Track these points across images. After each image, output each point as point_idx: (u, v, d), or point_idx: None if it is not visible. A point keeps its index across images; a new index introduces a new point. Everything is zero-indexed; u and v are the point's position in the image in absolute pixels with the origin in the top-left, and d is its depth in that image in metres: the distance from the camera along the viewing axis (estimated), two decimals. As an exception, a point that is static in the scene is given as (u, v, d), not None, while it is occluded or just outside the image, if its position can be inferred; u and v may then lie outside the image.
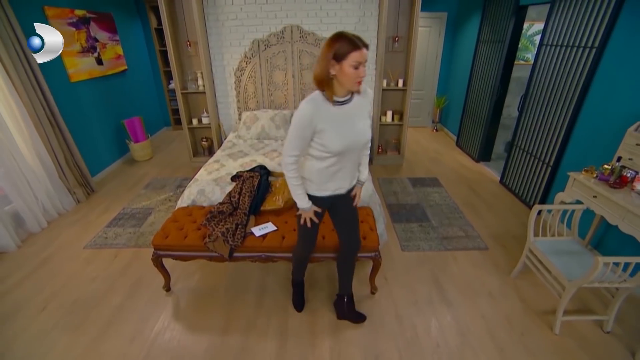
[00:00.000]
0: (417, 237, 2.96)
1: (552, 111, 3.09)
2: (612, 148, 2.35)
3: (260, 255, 2.17)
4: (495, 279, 2.46)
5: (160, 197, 3.71)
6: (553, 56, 3.07)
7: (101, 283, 2.47)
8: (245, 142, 3.73)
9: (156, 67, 5.82)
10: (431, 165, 4.54)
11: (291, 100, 4.24)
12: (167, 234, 2.23)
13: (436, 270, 2.56)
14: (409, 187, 3.90)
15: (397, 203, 3.53)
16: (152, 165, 4.66)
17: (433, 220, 3.21)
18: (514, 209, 3.44)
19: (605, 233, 2.45)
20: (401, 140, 4.48)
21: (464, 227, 3.09)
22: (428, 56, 5.71)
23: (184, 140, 5.46)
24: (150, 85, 5.86)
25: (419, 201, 3.56)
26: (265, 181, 2.58)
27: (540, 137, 3.26)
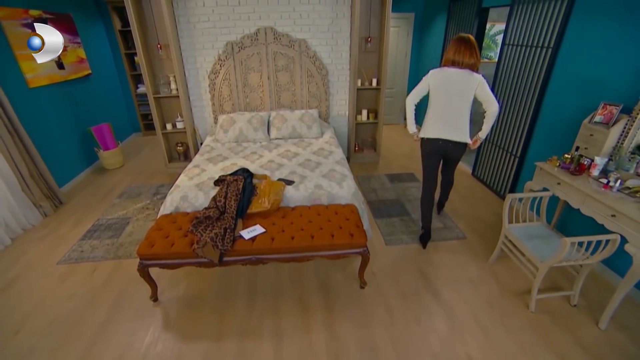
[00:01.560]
0: (399, 231, 3.06)
1: (517, 106, 3.30)
2: (571, 139, 2.56)
3: (251, 257, 2.17)
4: (475, 266, 2.61)
5: (137, 205, 3.60)
6: (515, 55, 3.28)
7: (80, 300, 2.37)
8: (224, 145, 3.69)
9: (122, 71, 5.59)
10: (406, 161, 4.68)
11: (267, 102, 4.23)
12: (153, 242, 2.18)
13: (420, 261, 2.68)
14: (387, 183, 4.01)
15: (377, 199, 3.62)
16: (124, 173, 4.49)
17: (413, 214, 3.32)
18: (486, 199, 3.64)
19: (568, 216, 2.67)
20: (377, 138, 4.60)
21: (442, 219, 3.23)
22: (398, 55, 5.89)
23: (158, 146, 5.32)
24: (116, 90, 5.62)
25: (398, 196, 3.68)
26: (249, 184, 2.58)
27: (507, 131, 3.48)
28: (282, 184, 2.62)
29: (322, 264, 2.67)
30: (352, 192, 2.65)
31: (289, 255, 2.19)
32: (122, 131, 5.65)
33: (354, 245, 2.19)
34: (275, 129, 3.87)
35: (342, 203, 2.60)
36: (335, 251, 2.21)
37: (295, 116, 3.93)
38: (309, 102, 4.31)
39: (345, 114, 4.52)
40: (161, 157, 4.69)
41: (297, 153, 3.37)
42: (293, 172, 2.91)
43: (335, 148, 3.51)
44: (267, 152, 3.41)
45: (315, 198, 2.60)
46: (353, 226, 2.28)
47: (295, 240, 2.16)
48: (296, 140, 3.80)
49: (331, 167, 3.00)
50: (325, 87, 4.23)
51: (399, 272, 2.57)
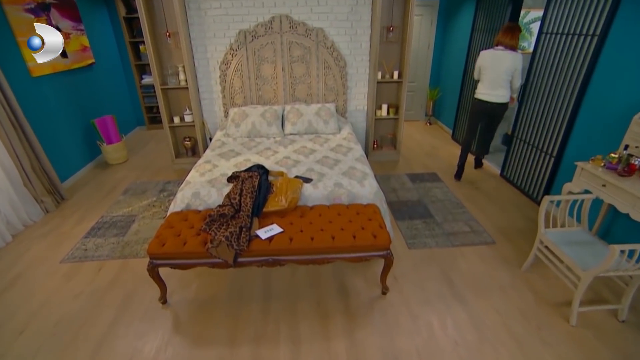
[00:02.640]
0: (422, 234, 3.07)
1: (554, 100, 3.27)
2: (618, 136, 2.53)
3: (268, 259, 2.21)
4: (506, 273, 2.61)
5: (143, 202, 3.67)
6: (553, 44, 3.25)
7: (87, 300, 2.43)
8: (235, 140, 3.74)
9: (126, 61, 5.70)
10: (428, 161, 4.68)
11: (281, 95, 4.27)
12: (164, 241, 2.23)
13: (445, 266, 2.68)
14: (408, 183, 4.02)
15: (398, 200, 3.64)
16: (128, 169, 4.58)
17: (437, 216, 3.34)
18: (516, 202, 3.62)
19: (613, 222, 2.64)
20: (397, 135, 4.61)
21: (469, 222, 3.23)
22: (420, 46, 5.88)
23: (164, 141, 5.41)
24: (120, 81, 5.73)
25: (420, 197, 3.69)
26: (265, 181, 2.62)
27: (541, 128, 3.45)
28: (300, 182, 2.65)
29: (340, 267, 2.69)
30: (374, 191, 2.67)
31: (308, 256, 2.21)
32: (126, 124, 5.76)
33: (377, 247, 2.21)
34: (290, 124, 3.91)
35: (363, 203, 2.62)
36: (357, 253, 2.22)
37: (311, 110, 3.97)
38: (325, 95, 4.34)
39: (363, 108, 4.54)
40: (167, 152, 4.77)
41: (314, 149, 3.40)
42: (310, 169, 2.94)
43: (355, 145, 3.54)
44: (282, 148, 3.45)
45: (335, 197, 2.62)
46: (376, 227, 2.30)
47: (315, 241, 2.19)
48: (312, 136, 3.84)
49: (351, 164, 3.02)
50: (343, 79, 4.26)
51: (423, 277, 2.58)
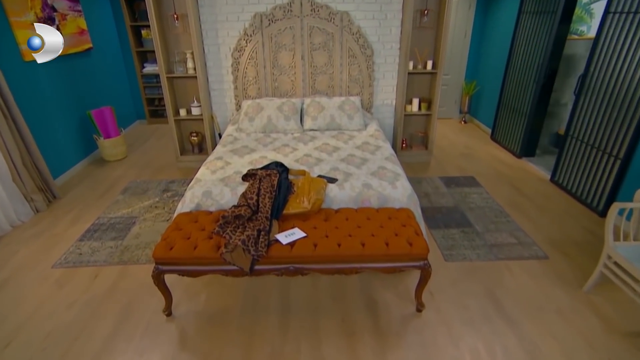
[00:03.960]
0: (460, 245, 3.03)
1: (621, 93, 3.18)
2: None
3: (288, 267, 2.19)
4: (563, 294, 2.53)
5: (144, 203, 3.71)
6: (623, 26, 3.14)
7: (81, 310, 2.44)
8: (249, 136, 3.76)
9: (127, 47, 5.82)
10: (464, 163, 4.64)
11: (299, 87, 4.28)
12: (172, 244, 2.24)
13: (489, 282, 2.62)
14: (442, 187, 3.99)
15: (431, 206, 3.61)
16: (127, 166, 4.65)
17: (476, 225, 3.29)
18: (570, 210, 3.54)
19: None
20: (429, 134, 4.57)
21: (515, 233, 3.17)
22: (455, 34, 5.85)
23: (166, 136, 5.48)
24: (120, 69, 5.85)
25: (457, 203, 3.65)
26: (285, 179, 2.61)
27: (604, 125, 3.36)
28: (324, 182, 2.64)
29: (368, 279, 2.66)
30: (407, 194, 2.65)
31: (334, 265, 2.19)
32: (125, 117, 5.87)
33: (413, 256, 2.18)
34: (310, 119, 3.92)
35: (395, 206, 2.60)
36: (391, 263, 2.19)
37: (333, 104, 3.97)
38: (349, 88, 4.33)
39: (391, 103, 4.52)
40: (171, 148, 4.82)
41: (338, 147, 3.41)
42: (335, 168, 2.93)
43: (383, 142, 3.53)
44: (302, 145, 3.46)
45: (363, 199, 2.61)
46: (411, 234, 2.27)
47: (342, 248, 2.17)
48: (335, 132, 3.84)
49: (380, 164, 3.01)
50: (369, 70, 4.26)
51: (463, 294, 2.53)
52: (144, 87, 6.02)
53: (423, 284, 2.30)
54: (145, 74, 5.92)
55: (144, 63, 5.93)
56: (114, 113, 4.83)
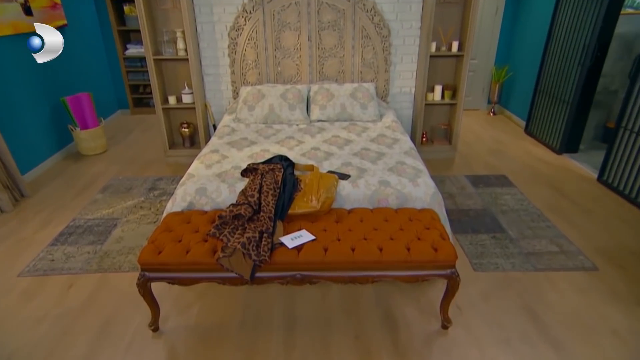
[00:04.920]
0: (491, 252, 3.02)
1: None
2: None
3: (295, 274, 2.18)
4: (618, 312, 2.49)
5: (127, 203, 3.72)
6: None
7: (52, 326, 2.41)
8: (248, 127, 3.78)
9: (107, 25, 5.85)
10: (493, 160, 4.64)
11: (305, 72, 4.29)
12: (160, 248, 2.23)
13: (527, 296, 2.60)
14: (468, 187, 4.00)
15: (457, 208, 3.61)
16: (108, 161, 4.67)
17: (510, 230, 3.28)
18: (623, 215, 3.52)
19: None
20: (453, 126, 4.56)
21: (557, 240, 3.15)
22: (484, 12, 5.84)
23: (154, 127, 5.50)
24: (99, 50, 5.88)
25: (486, 206, 3.65)
26: (290, 175, 2.61)
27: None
28: (335, 178, 2.64)
29: (385, 290, 2.65)
30: (430, 192, 2.64)
31: (347, 273, 2.18)
32: (105, 106, 5.90)
33: (438, 264, 2.16)
34: (318, 108, 3.93)
35: (416, 207, 2.60)
36: (413, 271, 2.18)
37: (344, 91, 3.98)
38: (362, 73, 4.33)
39: (410, 91, 4.51)
40: (159, 141, 4.83)
41: (350, 140, 3.42)
42: (347, 163, 2.93)
43: (401, 135, 3.55)
44: (309, 137, 3.47)
45: (380, 198, 2.60)
46: (436, 238, 2.25)
47: (357, 253, 2.15)
48: (346, 123, 3.85)
49: (398, 158, 3.01)
50: (385, 52, 4.25)
51: (497, 309, 2.50)
52: (126, 72, 6.05)
53: (450, 297, 2.28)
54: (128, 57, 5.95)
55: (127, 44, 5.96)
56: (93, 100, 4.86)
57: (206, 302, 2.58)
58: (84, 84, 5.23)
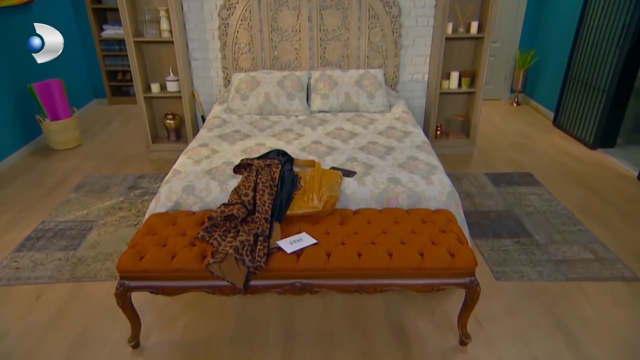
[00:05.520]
0: (515, 259, 3.03)
1: None
2: None
3: (294, 283, 2.19)
4: (667, 329, 2.49)
5: (104, 203, 3.74)
6: None
7: (18, 342, 2.41)
8: (242, 118, 3.80)
9: (80, 3, 5.86)
10: (517, 155, 4.66)
11: (305, 57, 4.30)
12: (142, 253, 2.24)
13: (557, 310, 2.60)
14: (488, 186, 4.03)
15: (476, 210, 3.63)
16: (82, 157, 4.69)
17: (537, 234, 3.30)
18: (668, 218, 3.52)
19: None
20: (472, 118, 4.57)
21: (591, 246, 3.17)
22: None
23: (135, 119, 5.53)
24: (71, 31, 5.88)
25: (509, 207, 3.67)
26: (289, 172, 2.62)
27: None
28: (339, 175, 2.66)
29: (396, 301, 2.65)
30: (446, 191, 2.66)
31: (353, 281, 2.19)
32: (79, 95, 5.92)
33: (455, 271, 2.16)
34: (319, 97, 3.95)
35: (430, 207, 2.61)
36: (426, 279, 2.19)
37: (349, 79, 3.99)
38: (369, 58, 4.35)
39: (423, 78, 4.53)
40: (140, 134, 4.85)
41: (355, 132, 3.44)
42: (352, 158, 2.95)
43: (413, 127, 3.57)
44: (309, 130, 3.50)
45: (389, 198, 2.62)
46: (453, 242, 2.26)
47: (363, 259, 2.16)
48: (351, 114, 3.87)
49: (410, 153, 3.03)
50: (395, 35, 4.27)
51: (522, 324, 2.51)
52: (103, 56, 6.07)
53: (469, 308, 2.28)
54: (104, 39, 5.97)
55: (103, 24, 5.97)
56: (64, 88, 4.87)
57: (194, 315, 2.58)
58: (54, 70, 5.20)
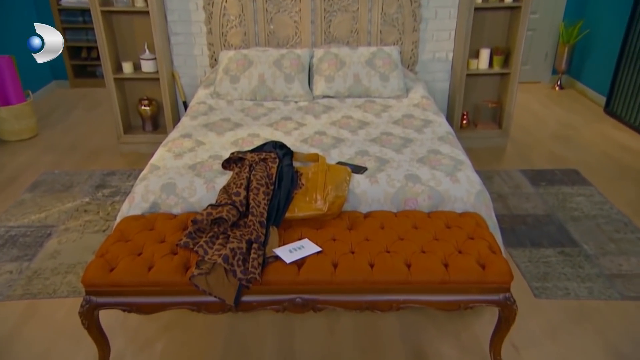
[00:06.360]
0: (558, 273, 3.04)
1: None
2: None
3: (294, 298, 2.20)
4: None
5: (66, 205, 3.77)
6: None
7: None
8: (231, 104, 3.81)
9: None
10: (560, 149, 4.67)
11: (307, 32, 4.31)
12: (113, 263, 2.24)
13: (612, 335, 2.58)
14: (525, 186, 4.04)
15: (510, 214, 3.64)
16: (39, 150, 4.71)
17: (585, 243, 3.31)
18: None
19: None
20: (505, 105, 4.57)
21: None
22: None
23: (105, 104, 5.48)
24: (23, 0, 5.89)
25: (551, 210, 3.68)
26: (288, 167, 2.64)
27: None
28: (347, 171, 2.67)
29: (413, 322, 2.66)
30: (474, 191, 2.66)
31: (363, 297, 2.20)
32: (34, 76, 5.89)
33: (487, 286, 2.17)
34: (324, 80, 3.96)
35: (456, 209, 2.63)
36: (451, 295, 2.20)
37: (359, 57, 4.00)
38: (383, 33, 4.36)
39: (447, 57, 4.54)
40: (109, 123, 4.84)
41: (366, 121, 3.44)
42: (363, 152, 2.96)
43: (435, 115, 3.57)
44: (311, 119, 3.51)
45: (407, 198, 2.63)
46: (484, 251, 2.27)
47: (376, 271, 2.17)
48: (361, 99, 3.88)
49: (431, 146, 3.04)
50: (413, 4, 4.28)
51: (568, 350, 2.51)
52: (63, 30, 6.03)
53: (503, 331, 2.28)
54: (65, 8, 5.96)
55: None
56: (16, 67, 4.87)
57: (174, 337, 2.60)
58: (2, 45, 5.25)
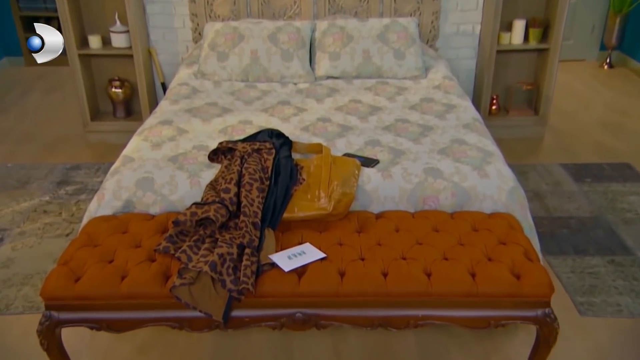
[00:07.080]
0: (608, 286, 3.04)
1: None
2: None
3: (294, 313, 2.21)
4: None
5: (22, 205, 3.80)
6: None
7: None
8: (219, 86, 3.84)
9: None
10: (609, 139, 4.68)
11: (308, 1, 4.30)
12: (79, 272, 2.25)
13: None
14: (567, 182, 4.06)
15: (548, 215, 3.66)
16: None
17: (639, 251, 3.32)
18: None
19: None
20: (543, 87, 4.57)
21: None
22: None
23: (68, 86, 5.51)
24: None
25: (598, 212, 3.69)
26: (286, 159, 2.65)
27: None
28: (356, 164, 2.68)
29: (433, 341, 2.68)
30: (507, 188, 2.67)
31: (376, 312, 2.21)
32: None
33: (522, 299, 2.17)
34: (328, 57, 3.98)
35: (484, 210, 2.63)
36: (480, 311, 2.21)
37: (369, 31, 4.02)
38: (397, 3, 4.39)
39: (473, 30, 4.56)
40: (74, 108, 4.88)
41: (378, 106, 3.46)
42: (374, 141, 2.98)
43: (458, 99, 3.59)
44: (314, 103, 3.53)
45: (426, 196, 2.64)
46: (519, 258, 2.27)
47: (391, 281, 2.18)
48: (372, 80, 3.89)
49: (455, 135, 3.06)
50: (433, -31, 4.31)
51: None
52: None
53: (543, 353, 2.28)
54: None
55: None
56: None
57: (152, 359, 2.61)
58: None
